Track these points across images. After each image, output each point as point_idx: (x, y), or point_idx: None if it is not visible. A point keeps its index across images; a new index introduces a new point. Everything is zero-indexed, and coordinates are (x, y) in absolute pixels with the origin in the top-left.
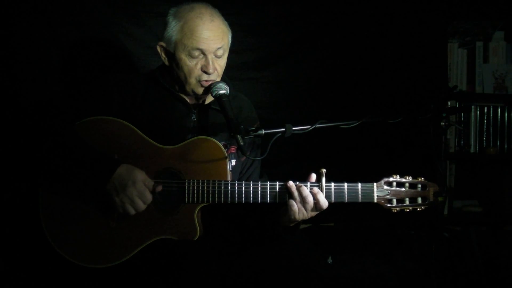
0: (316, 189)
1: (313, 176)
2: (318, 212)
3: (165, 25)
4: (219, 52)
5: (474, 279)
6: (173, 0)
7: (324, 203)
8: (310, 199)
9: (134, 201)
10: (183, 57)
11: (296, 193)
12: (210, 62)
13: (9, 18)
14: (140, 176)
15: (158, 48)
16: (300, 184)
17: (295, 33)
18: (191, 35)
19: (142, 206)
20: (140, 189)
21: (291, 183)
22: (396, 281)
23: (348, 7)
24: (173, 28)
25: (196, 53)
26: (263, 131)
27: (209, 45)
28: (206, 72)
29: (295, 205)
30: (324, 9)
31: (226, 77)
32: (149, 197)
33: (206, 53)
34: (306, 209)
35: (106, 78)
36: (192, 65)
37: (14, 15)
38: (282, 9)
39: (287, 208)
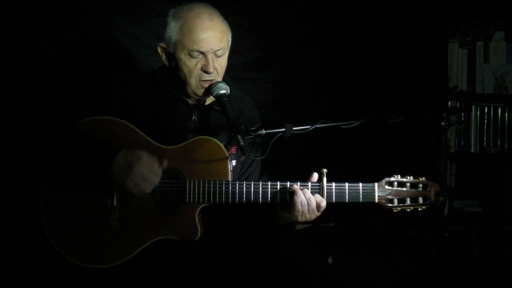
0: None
1: (315, 175)
2: (318, 215)
3: (164, 26)
4: (219, 52)
5: (474, 279)
6: (173, 0)
7: (321, 201)
8: (313, 201)
9: (146, 177)
10: (183, 57)
11: (302, 196)
12: (210, 62)
13: (9, 18)
14: (143, 153)
15: (159, 49)
16: (303, 187)
17: (295, 33)
18: (190, 35)
19: (155, 180)
20: (147, 163)
21: (296, 186)
22: (396, 281)
23: (348, 7)
24: (172, 29)
25: (196, 53)
26: (264, 131)
27: (208, 44)
28: (206, 72)
29: (300, 208)
30: (324, 9)
31: (228, 77)
32: (158, 170)
33: (206, 53)
34: (309, 211)
35: (106, 78)
36: (192, 65)
37: (14, 15)
38: (282, 9)
39: (288, 209)
